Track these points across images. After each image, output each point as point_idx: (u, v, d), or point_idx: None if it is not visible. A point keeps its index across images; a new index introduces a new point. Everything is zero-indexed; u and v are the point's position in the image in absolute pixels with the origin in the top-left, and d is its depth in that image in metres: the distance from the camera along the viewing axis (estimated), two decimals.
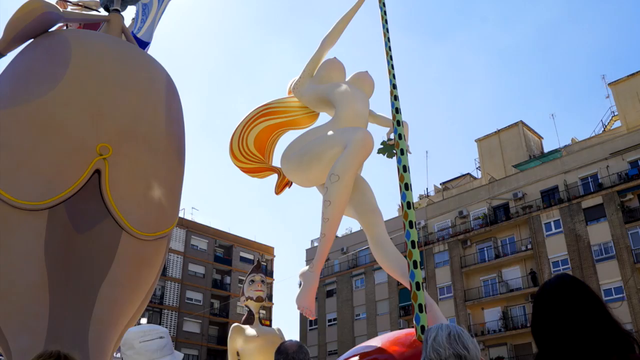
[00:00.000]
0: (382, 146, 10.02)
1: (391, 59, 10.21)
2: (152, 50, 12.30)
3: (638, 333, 40.26)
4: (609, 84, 54.78)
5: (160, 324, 61.20)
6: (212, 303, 68.57)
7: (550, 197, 49.59)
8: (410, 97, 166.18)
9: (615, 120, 56.05)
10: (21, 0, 9.06)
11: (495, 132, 62.10)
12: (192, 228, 69.09)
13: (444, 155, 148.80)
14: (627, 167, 45.79)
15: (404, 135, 9.84)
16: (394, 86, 9.97)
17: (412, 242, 9.04)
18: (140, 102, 9.41)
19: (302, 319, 63.29)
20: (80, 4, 12.45)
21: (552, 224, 48.26)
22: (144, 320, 36.49)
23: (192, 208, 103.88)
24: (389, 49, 10.32)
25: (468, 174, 66.29)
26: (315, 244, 54.69)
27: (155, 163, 9.33)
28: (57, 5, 10.91)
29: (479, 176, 63.23)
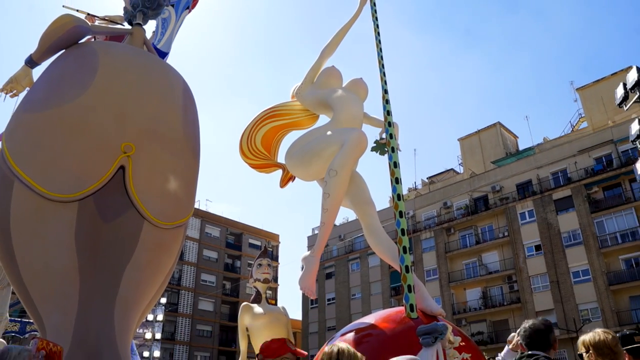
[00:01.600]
0: (375, 144, 10.01)
1: (383, 67, 10.20)
2: (177, 61, 12.28)
3: (603, 311, 40.35)
4: (577, 89, 54.83)
5: (177, 304, 61.34)
6: (224, 284, 68.63)
7: (524, 189, 49.65)
8: (401, 100, 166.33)
9: (582, 122, 56.03)
10: (53, 15, 9.05)
11: (476, 132, 62.10)
12: (206, 218, 69.13)
13: (430, 152, 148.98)
14: (593, 163, 45.85)
15: (395, 135, 9.84)
16: (385, 91, 9.96)
17: (402, 230, 9.05)
18: (160, 106, 9.39)
19: (304, 298, 63.34)
20: (106, 18, 12.45)
21: (527, 213, 48.33)
22: (163, 300, 36.49)
23: (207, 200, 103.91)
24: (381, 58, 10.31)
25: (451, 169, 66.27)
26: (316, 231, 54.62)
27: (173, 160, 9.31)
28: (86, 20, 10.91)
29: (461, 171, 63.22)
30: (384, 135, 10.02)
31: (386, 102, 9.92)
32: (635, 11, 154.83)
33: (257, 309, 13.46)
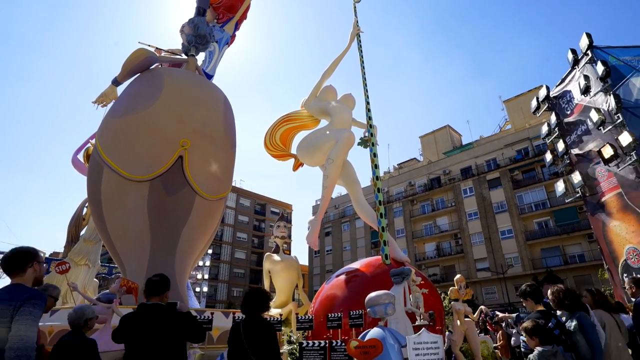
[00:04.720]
0: (360, 140, 10.05)
1: (366, 85, 10.14)
2: (220, 80, 12.18)
3: (522, 259, 40.43)
4: (504, 101, 54.38)
5: (220, 254, 61.40)
6: (253, 240, 68.75)
7: (466, 173, 49.50)
8: (380, 107, 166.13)
9: (507, 124, 55.66)
10: (131, 48, 9.01)
11: (432, 131, 61.82)
12: (240, 192, 69.14)
13: (400, 146, 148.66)
14: (515, 154, 45.77)
15: (374, 134, 9.83)
16: (367, 103, 9.91)
17: (379, 202, 9.04)
18: (207, 113, 9.42)
19: (310, 250, 63.42)
20: (169, 51, 12.44)
21: (468, 190, 48.20)
22: (210, 251, 36.44)
23: (240, 179, 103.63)
24: (365, 79, 10.22)
25: (414, 158, 65.99)
26: (318, 202, 54.59)
27: (217, 152, 9.35)
28: (155, 52, 10.90)
29: (422, 160, 63.01)
30: (366, 134, 10.06)
31: (368, 110, 9.91)
32: (545, 45, 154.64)
33: (276, 257, 13.54)
